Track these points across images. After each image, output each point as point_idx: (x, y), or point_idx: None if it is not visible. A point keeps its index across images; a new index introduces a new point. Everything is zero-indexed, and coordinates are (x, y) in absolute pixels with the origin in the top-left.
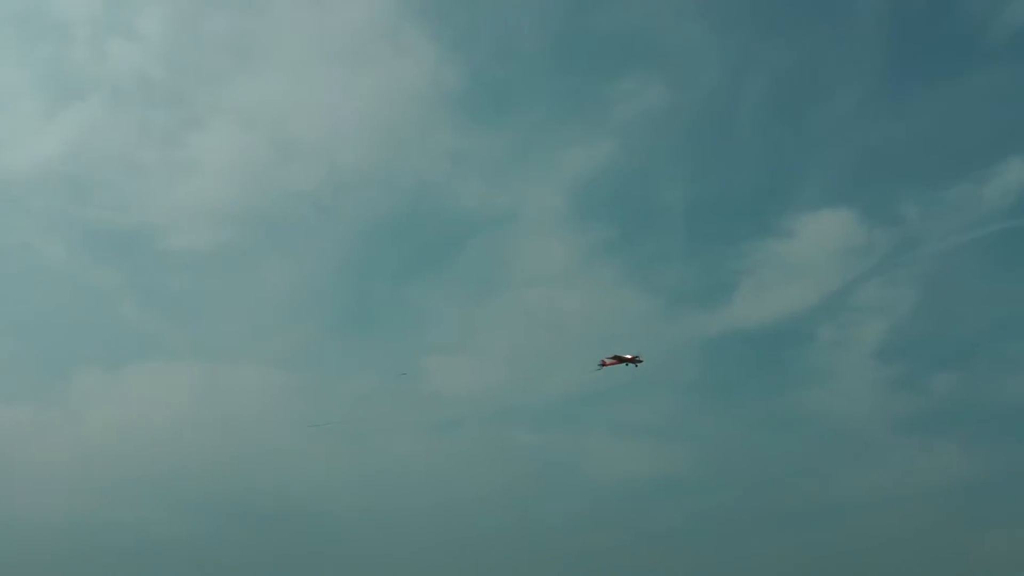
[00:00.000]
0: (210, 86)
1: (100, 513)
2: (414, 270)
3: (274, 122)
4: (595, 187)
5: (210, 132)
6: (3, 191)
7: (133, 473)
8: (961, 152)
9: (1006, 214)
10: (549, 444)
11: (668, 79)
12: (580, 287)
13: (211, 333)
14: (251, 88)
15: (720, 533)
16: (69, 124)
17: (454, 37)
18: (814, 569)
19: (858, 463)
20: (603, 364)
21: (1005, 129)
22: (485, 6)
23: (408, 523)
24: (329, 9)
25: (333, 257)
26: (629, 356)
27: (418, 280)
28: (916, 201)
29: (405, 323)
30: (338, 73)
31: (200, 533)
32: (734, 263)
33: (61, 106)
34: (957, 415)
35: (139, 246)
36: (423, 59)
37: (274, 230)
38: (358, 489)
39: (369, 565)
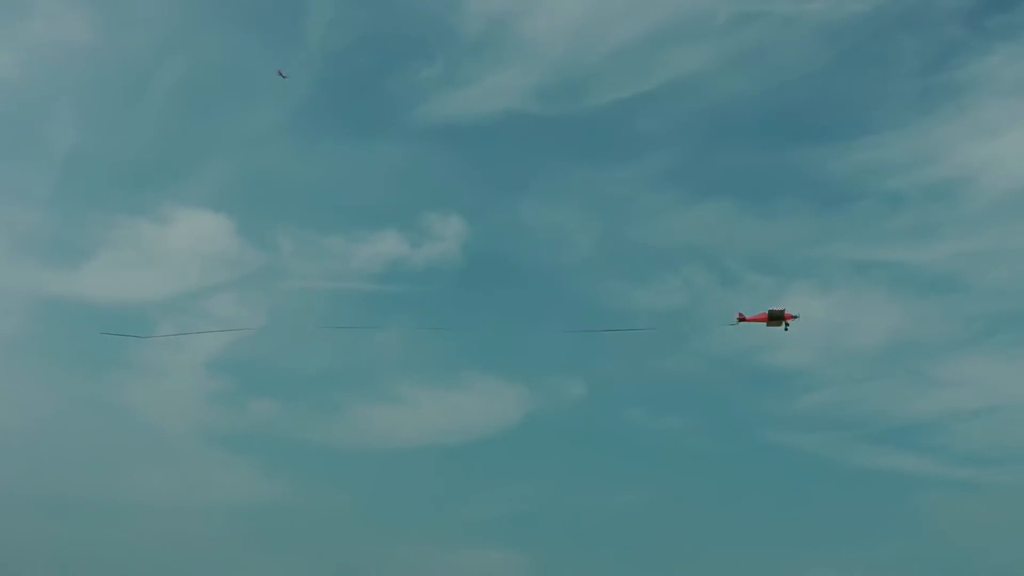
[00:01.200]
0: None
1: None
2: None
3: None
4: None
5: None
6: None
7: None
8: (349, 209)
9: (368, 278)
10: None
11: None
12: None
13: None
14: None
15: None
16: None
17: None
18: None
19: (157, 465)
20: (741, 319)
21: (391, 203)
22: None
23: None
24: None
25: None
26: (788, 313)
27: None
28: (294, 237)
29: None
30: None
31: None
32: (98, 232)
33: None
34: (267, 440)
35: None
36: None
37: None
38: None
39: None
